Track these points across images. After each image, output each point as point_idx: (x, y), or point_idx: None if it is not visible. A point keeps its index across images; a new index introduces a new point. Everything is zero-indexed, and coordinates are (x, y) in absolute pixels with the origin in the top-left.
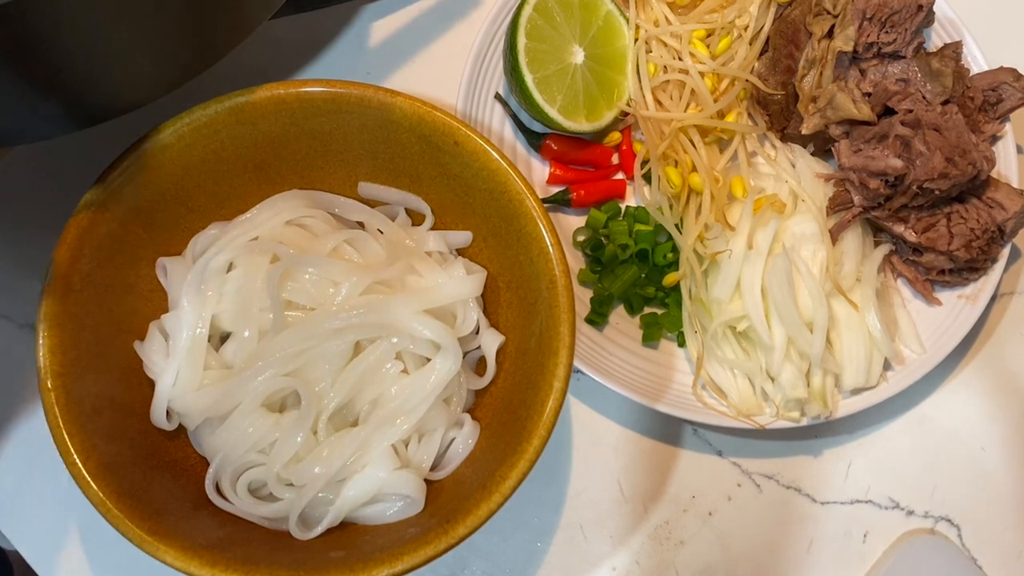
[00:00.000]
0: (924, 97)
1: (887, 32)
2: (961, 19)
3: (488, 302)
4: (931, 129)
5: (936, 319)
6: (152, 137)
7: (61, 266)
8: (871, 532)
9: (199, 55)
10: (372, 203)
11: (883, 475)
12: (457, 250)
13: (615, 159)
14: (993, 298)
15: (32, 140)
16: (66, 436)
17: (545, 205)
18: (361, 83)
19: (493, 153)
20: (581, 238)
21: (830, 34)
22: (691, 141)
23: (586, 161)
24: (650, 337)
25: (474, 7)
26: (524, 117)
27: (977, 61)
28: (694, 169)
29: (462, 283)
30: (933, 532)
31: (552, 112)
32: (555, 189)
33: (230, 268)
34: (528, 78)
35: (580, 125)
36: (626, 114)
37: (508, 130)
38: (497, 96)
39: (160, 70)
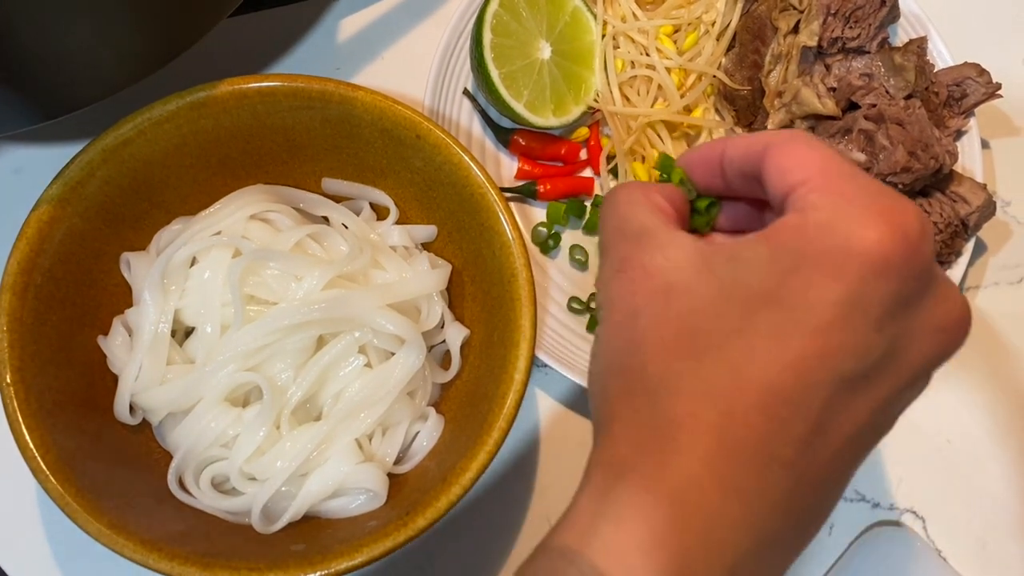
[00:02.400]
0: (887, 92)
1: (851, 27)
2: (927, 15)
3: (453, 296)
4: (894, 123)
5: None
6: (113, 132)
7: (21, 262)
8: (837, 525)
9: (161, 48)
10: (337, 198)
11: None
12: (422, 244)
13: (583, 154)
14: None
15: None
16: (25, 430)
17: (511, 197)
18: (323, 78)
19: (455, 147)
20: (542, 229)
21: (795, 29)
22: (659, 136)
23: (554, 156)
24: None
25: (442, 3)
26: (493, 113)
27: (943, 56)
28: None
29: (426, 277)
30: (899, 524)
31: (518, 107)
32: None
33: (193, 263)
34: (494, 74)
35: (547, 120)
36: (594, 110)
37: (476, 126)
38: (465, 92)
39: (121, 64)
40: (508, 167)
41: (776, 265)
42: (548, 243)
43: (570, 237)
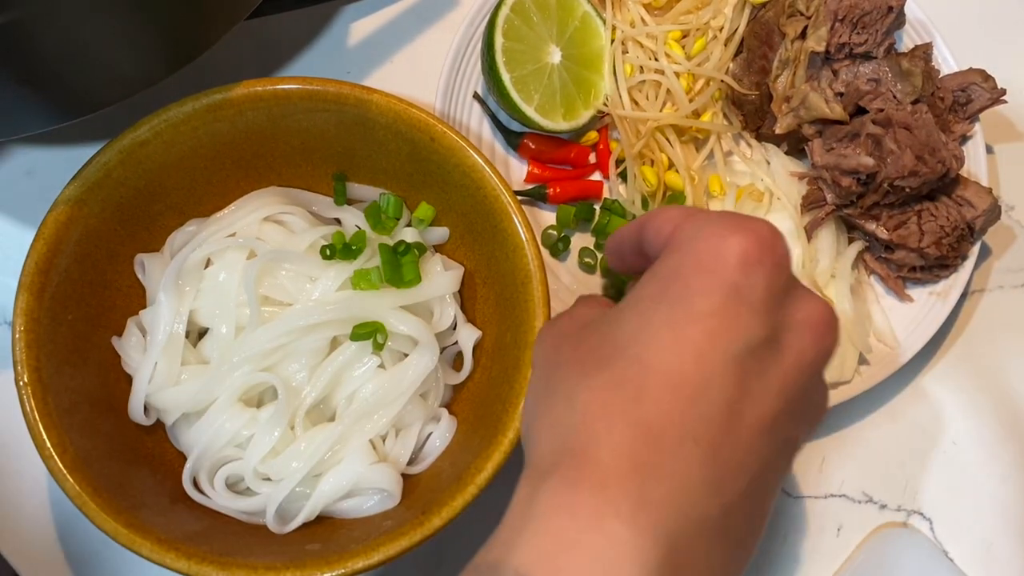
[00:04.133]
0: (895, 97)
1: (858, 33)
2: (932, 21)
3: (465, 298)
4: (901, 128)
5: (908, 315)
6: (130, 134)
7: (38, 262)
8: (845, 526)
9: (176, 52)
10: (350, 200)
11: (857, 469)
12: (435, 246)
13: (592, 158)
14: (964, 295)
15: (8, 136)
16: (42, 430)
17: (521, 199)
18: (338, 80)
19: (469, 150)
20: (552, 232)
21: (803, 35)
22: (668, 140)
23: (564, 160)
24: None
25: (453, 8)
26: (502, 116)
27: (948, 62)
28: (670, 167)
29: (439, 279)
30: (906, 525)
31: (529, 111)
32: None
33: (208, 264)
34: (505, 77)
35: (557, 124)
36: (603, 114)
37: (487, 129)
38: (475, 95)
39: (137, 67)
40: (517, 170)
41: (661, 279)
42: (558, 246)
43: (579, 240)
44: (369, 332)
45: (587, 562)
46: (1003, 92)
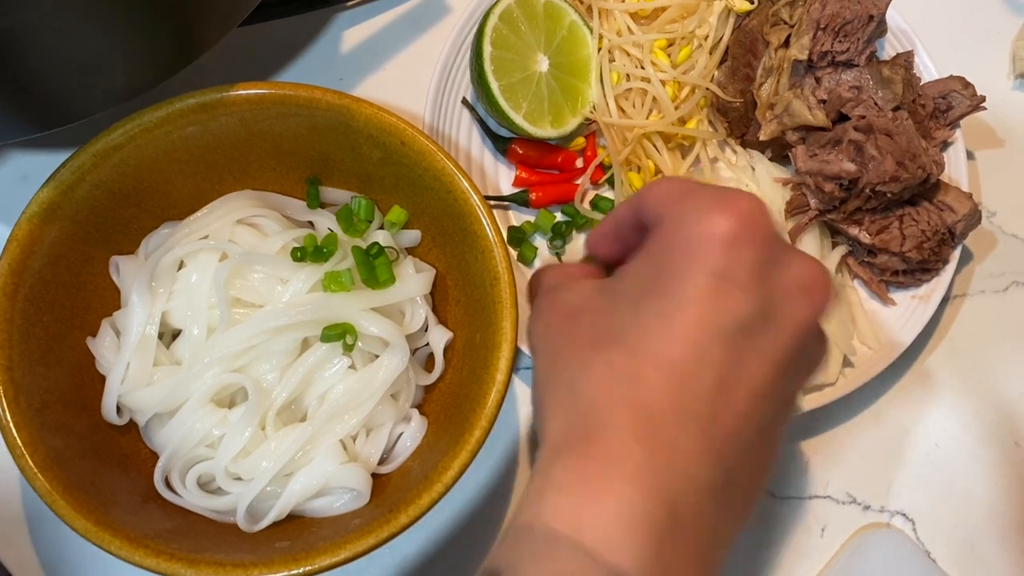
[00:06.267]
0: (876, 104)
1: (840, 41)
2: (913, 29)
3: (437, 300)
4: (883, 134)
5: (891, 319)
6: (104, 137)
7: (11, 264)
8: (829, 527)
9: (170, 59)
10: (324, 204)
11: (841, 471)
12: (408, 249)
13: (579, 163)
14: (946, 299)
15: (1, 141)
16: (13, 428)
17: (504, 204)
18: (310, 85)
19: (439, 154)
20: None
21: (786, 44)
22: (654, 146)
23: (551, 165)
24: None
25: (444, 16)
26: (491, 123)
27: (929, 70)
28: (656, 174)
29: (410, 281)
30: (889, 526)
31: (517, 118)
32: None
33: (181, 266)
34: (494, 85)
35: (545, 131)
36: (591, 121)
37: (475, 135)
38: (464, 101)
39: (129, 74)
40: (506, 175)
41: (651, 266)
42: (526, 253)
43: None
44: (339, 333)
45: (602, 516)
46: (983, 99)
